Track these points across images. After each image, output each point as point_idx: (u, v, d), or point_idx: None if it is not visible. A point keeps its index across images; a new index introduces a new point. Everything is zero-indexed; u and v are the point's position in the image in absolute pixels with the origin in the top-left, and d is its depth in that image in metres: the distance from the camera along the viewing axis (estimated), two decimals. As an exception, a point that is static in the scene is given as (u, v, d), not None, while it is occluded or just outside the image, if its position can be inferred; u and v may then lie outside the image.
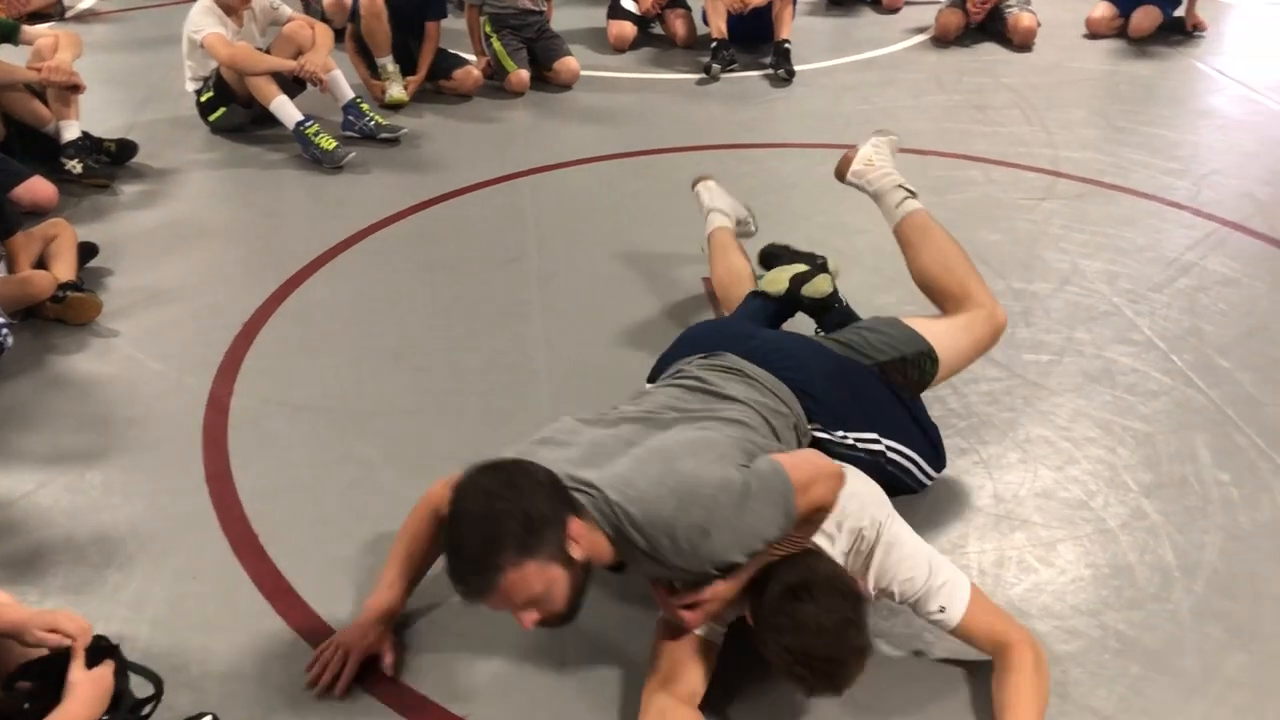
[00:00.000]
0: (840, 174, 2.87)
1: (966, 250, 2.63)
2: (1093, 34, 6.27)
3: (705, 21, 5.91)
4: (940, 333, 2.47)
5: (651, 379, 2.44)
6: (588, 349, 3.15)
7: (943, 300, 2.59)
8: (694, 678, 1.95)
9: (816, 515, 1.95)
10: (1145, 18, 6.08)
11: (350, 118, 4.68)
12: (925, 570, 1.99)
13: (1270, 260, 3.64)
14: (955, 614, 1.98)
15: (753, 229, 3.36)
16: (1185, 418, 2.82)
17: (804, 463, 1.95)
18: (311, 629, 2.16)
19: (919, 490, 2.43)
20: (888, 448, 2.32)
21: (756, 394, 2.19)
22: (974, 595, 2.01)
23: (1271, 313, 3.31)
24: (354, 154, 4.44)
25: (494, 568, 1.68)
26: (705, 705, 1.94)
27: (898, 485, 2.34)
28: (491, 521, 1.69)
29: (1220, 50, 6.08)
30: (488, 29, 5.45)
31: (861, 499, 2.06)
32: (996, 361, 2.92)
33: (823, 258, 3.04)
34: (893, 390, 2.38)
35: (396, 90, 5.09)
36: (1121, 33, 6.19)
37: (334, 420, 2.84)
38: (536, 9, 5.51)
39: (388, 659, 2.07)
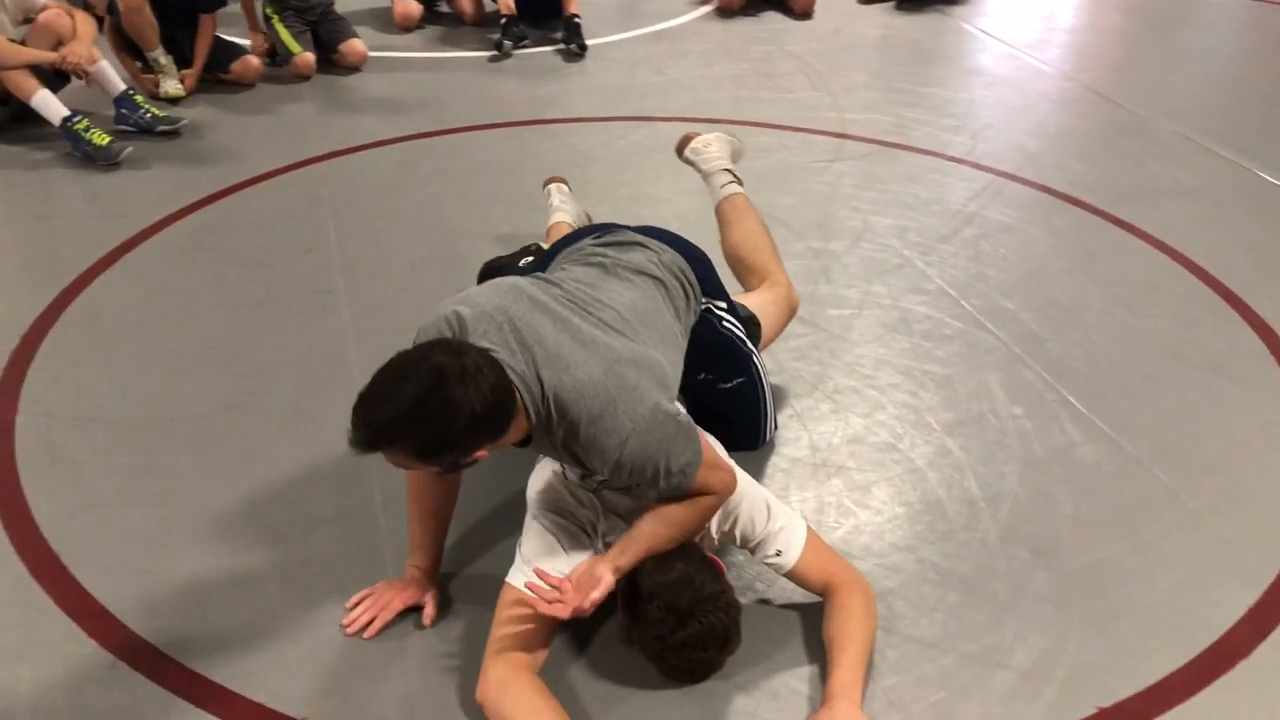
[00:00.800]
0: (679, 150, 3.12)
1: (765, 214, 2.77)
2: (866, 0, 6.54)
3: (492, -1, 5.85)
4: (756, 304, 2.63)
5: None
6: (400, 335, 3.01)
7: (747, 276, 2.81)
8: (535, 647, 1.96)
9: (705, 504, 1.97)
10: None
11: (124, 111, 4.39)
12: (765, 514, 2.06)
13: (1042, 206, 3.90)
14: (790, 558, 2.05)
15: None
16: (978, 358, 2.99)
17: (710, 449, 1.99)
18: (131, 647, 2.04)
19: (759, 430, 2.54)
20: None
21: (658, 255, 2.26)
22: (809, 540, 2.08)
23: (1047, 255, 3.55)
24: (131, 149, 4.18)
25: (385, 444, 1.77)
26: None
27: (748, 408, 2.48)
28: (409, 417, 1.73)
29: (984, 12, 6.45)
30: (268, 10, 5.23)
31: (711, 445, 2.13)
32: (802, 318, 3.02)
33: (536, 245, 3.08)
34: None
35: (171, 85, 4.80)
36: (892, -2, 6.49)
37: (133, 430, 2.68)
38: None
39: (429, 610, 2.11)
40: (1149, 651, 2.07)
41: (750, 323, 2.55)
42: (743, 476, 2.13)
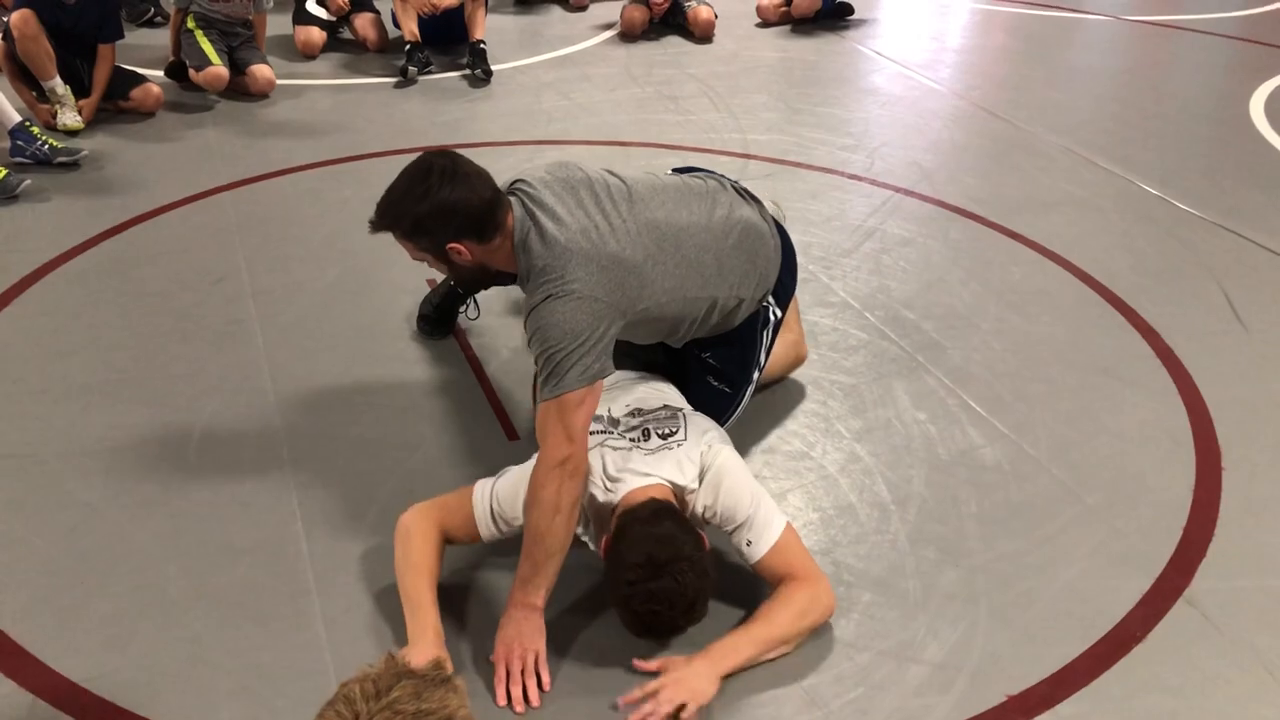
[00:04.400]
0: None
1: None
2: (764, 22, 6.71)
3: (396, 24, 5.85)
4: None
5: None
6: (313, 361, 3.08)
7: None
8: (456, 527, 2.20)
9: (551, 473, 2.08)
10: (804, 0, 6.57)
11: (20, 143, 4.29)
12: (748, 502, 2.15)
13: (939, 220, 4.05)
14: (759, 551, 2.15)
15: None
16: (883, 367, 3.10)
17: (587, 415, 2.12)
18: (50, 687, 2.02)
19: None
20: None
21: (765, 228, 2.49)
22: (783, 539, 2.15)
23: (944, 267, 3.69)
24: (29, 181, 4.09)
25: (388, 227, 2.22)
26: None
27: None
28: (395, 201, 2.18)
29: (877, 33, 6.65)
30: (190, 24, 5.19)
31: (702, 424, 2.34)
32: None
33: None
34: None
35: (69, 117, 4.69)
36: (787, 18, 6.65)
37: (44, 466, 2.64)
38: (247, 17, 5.36)
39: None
40: (1053, 640, 2.18)
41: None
42: (735, 460, 2.24)
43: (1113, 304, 3.45)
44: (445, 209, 2.13)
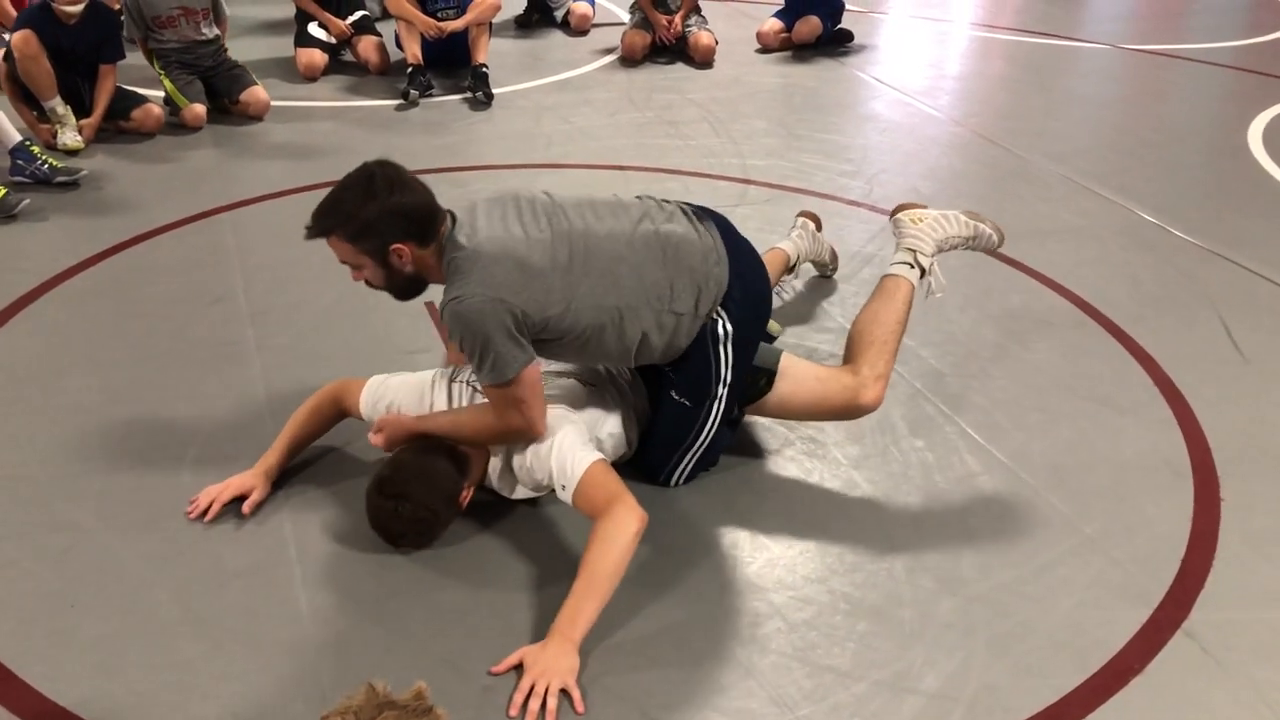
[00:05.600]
0: (896, 210, 2.97)
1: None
2: (764, 48, 6.74)
3: (400, 47, 5.88)
4: (798, 370, 2.65)
5: None
6: (310, 382, 3.05)
7: (847, 350, 2.74)
8: (351, 404, 2.63)
9: (495, 426, 2.36)
10: (805, 27, 6.61)
11: (20, 162, 4.30)
12: (545, 453, 2.33)
13: (937, 247, 4.04)
14: (568, 496, 2.29)
15: None
16: (881, 394, 3.09)
17: (535, 396, 2.31)
18: (39, 711, 2.00)
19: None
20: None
21: (697, 240, 2.50)
22: (585, 480, 2.26)
23: (943, 294, 3.67)
24: (28, 200, 4.09)
25: (325, 229, 2.32)
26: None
27: (673, 436, 2.60)
28: (341, 204, 2.29)
29: (876, 60, 6.69)
30: (157, 66, 5.17)
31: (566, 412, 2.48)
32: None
33: None
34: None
35: (69, 137, 4.71)
36: (788, 44, 6.68)
37: (36, 487, 2.62)
38: (205, 38, 5.24)
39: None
40: (1050, 671, 2.16)
41: (760, 378, 2.60)
42: (558, 422, 2.39)
43: (1111, 332, 3.45)
44: (394, 211, 2.26)
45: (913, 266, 2.82)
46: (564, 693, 2.03)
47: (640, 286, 2.37)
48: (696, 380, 2.51)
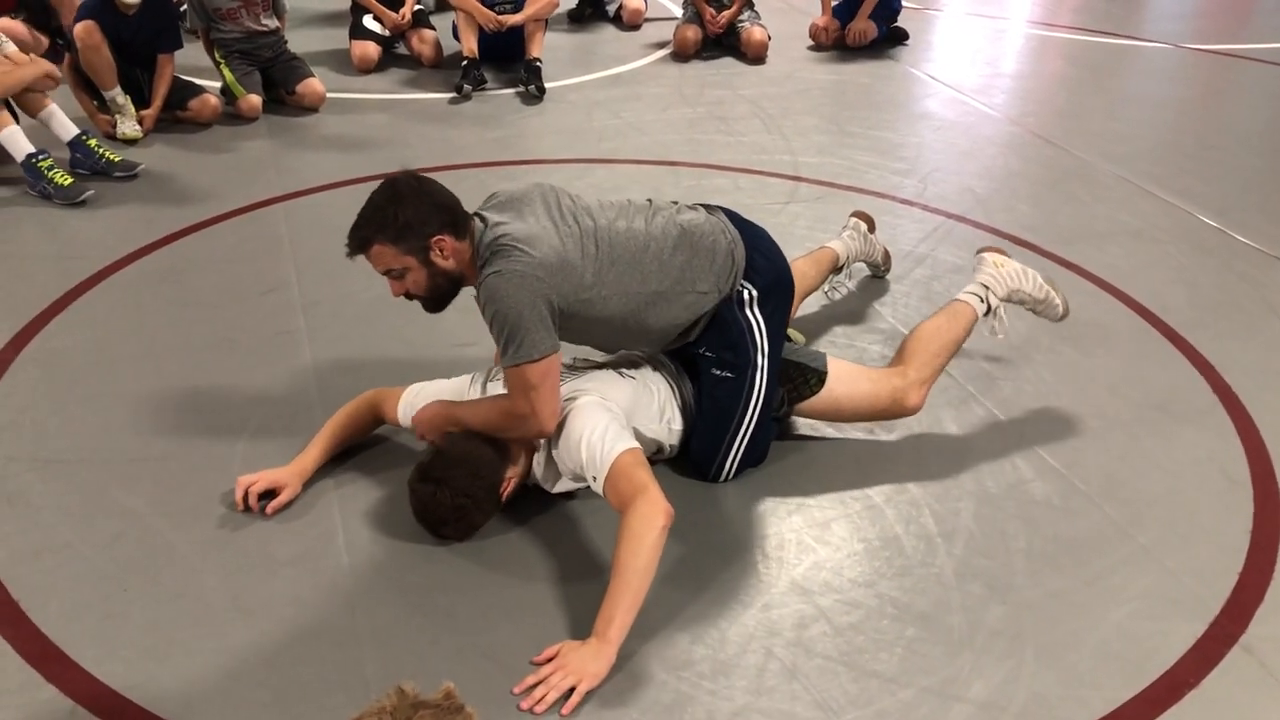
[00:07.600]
0: (982, 250, 3.08)
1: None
2: (816, 44, 6.68)
3: (456, 39, 5.90)
4: (848, 372, 2.75)
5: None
6: (361, 375, 3.08)
7: (900, 352, 2.84)
8: (389, 412, 2.69)
9: (509, 411, 2.39)
10: (858, 27, 6.51)
11: (79, 155, 4.36)
12: (576, 442, 2.33)
13: (990, 248, 3.99)
14: (599, 487, 2.29)
15: None
16: (932, 396, 3.03)
17: (548, 386, 2.34)
18: (91, 693, 2.03)
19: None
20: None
21: (712, 225, 2.61)
22: (613, 471, 2.25)
23: (996, 295, 3.62)
24: (93, 190, 4.16)
25: (365, 240, 2.35)
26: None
27: (720, 415, 2.61)
28: (377, 212, 2.34)
29: (930, 57, 6.61)
30: (217, 55, 5.24)
31: (586, 384, 2.52)
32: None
33: None
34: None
35: (128, 127, 4.78)
36: (840, 42, 6.62)
37: (91, 472, 2.66)
38: (266, 29, 5.30)
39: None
40: (1101, 682, 2.13)
41: (810, 377, 2.68)
42: (587, 407, 2.40)
43: (1169, 338, 3.39)
44: (427, 203, 2.35)
45: (982, 300, 2.91)
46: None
47: (664, 272, 2.48)
48: (734, 347, 2.56)
